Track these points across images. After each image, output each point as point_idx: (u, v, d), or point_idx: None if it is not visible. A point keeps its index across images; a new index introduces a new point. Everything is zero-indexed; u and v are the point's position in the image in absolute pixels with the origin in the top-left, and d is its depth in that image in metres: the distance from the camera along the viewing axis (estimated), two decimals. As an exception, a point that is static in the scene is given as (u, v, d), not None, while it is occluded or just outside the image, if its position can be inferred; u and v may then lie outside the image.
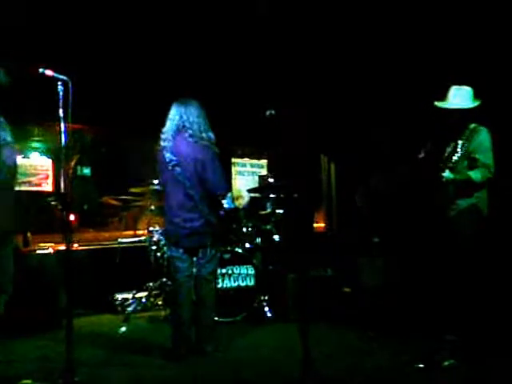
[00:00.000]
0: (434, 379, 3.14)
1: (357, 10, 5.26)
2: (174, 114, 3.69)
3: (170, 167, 3.63)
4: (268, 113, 3.45)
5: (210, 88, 5.89)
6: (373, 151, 6.16)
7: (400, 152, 5.58)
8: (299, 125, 6.20)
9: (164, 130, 3.73)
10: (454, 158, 3.43)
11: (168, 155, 3.63)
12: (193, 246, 3.69)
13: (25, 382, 3.03)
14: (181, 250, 3.70)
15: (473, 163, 3.50)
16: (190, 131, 3.62)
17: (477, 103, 3.62)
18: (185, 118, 3.64)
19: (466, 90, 3.66)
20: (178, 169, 3.61)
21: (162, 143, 3.69)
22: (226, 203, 3.95)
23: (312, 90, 6.23)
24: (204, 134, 3.65)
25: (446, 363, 3.25)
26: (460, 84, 3.69)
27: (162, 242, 4.93)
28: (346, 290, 5.23)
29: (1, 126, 3.13)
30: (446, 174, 3.50)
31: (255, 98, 5.66)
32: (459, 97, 3.62)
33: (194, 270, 3.79)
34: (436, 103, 3.68)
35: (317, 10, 5.27)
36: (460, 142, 3.46)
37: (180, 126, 3.64)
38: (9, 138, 3.16)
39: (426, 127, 3.93)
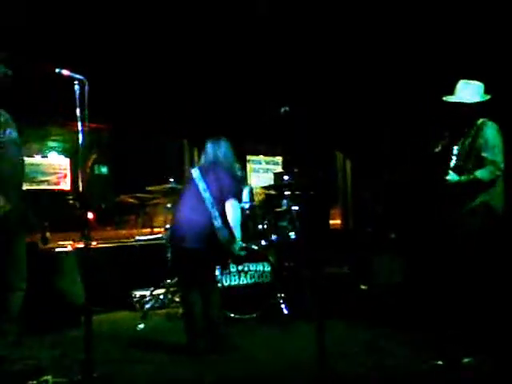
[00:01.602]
0: (453, 376, 3.11)
1: (362, 6, 5.22)
2: (209, 151, 3.95)
3: (197, 190, 3.80)
4: (282, 110, 3.45)
5: (225, 86, 5.91)
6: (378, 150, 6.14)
7: (405, 149, 5.56)
8: (312, 122, 6.19)
9: (198, 164, 4.04)
10: (452, 161, 3.47)
11: (200, 182, 3.81)
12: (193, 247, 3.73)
13: (45, 378, 3.07)
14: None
15: (480, 162, 3.45)
16: (222, 165, 3.88)
17: (486, 98, 3.56)
18: (219, 154, 3.91)
19: (475, 85, 3.61)
20: (205, 193, 3.77)
21: (194, 173, 3.88)
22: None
23: (324, 87, 6.21)
24: (234, 169, 3.94)
25: (466, 360, 3.22)
26: (470, 78, 3.64)
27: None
28: (363, 287, 5.21)
29: (7, 122, 3.13)
30: (450, 176, 3.49)
31: (270, 96, 5.65)
32: (467, 91, 3.57)
33: None
34: (444, 98, 3.64)
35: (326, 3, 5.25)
36: (456, 147, 3.50)
37: (214, 160, 3.90)
38: (14, 135, 3.17)
39: (437, 123, 3.90)
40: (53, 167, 5.98)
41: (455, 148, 3.58)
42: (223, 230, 3.74)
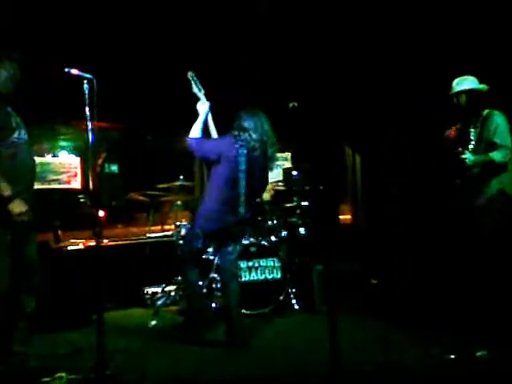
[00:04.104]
0: (465, 370, 3.09)
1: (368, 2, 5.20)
2: (254, 126, 3.75)
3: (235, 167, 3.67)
4: (291, 105, 3.44)
5: (231, 84, 5.90)
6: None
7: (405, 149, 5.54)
8: (321, 117, 6.18)
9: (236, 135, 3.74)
10: (470, 145, 3.57)
11: (242, 161, 3.66)
12: None
13: (59, 374, 3.10)
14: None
15: (492, 147, 3.55)
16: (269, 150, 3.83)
17: (484, 86, 3.71)
18: (264, 132, 3.77)
19: (470, 78, 3.78)
20: (241, 174, 3.66)
21: (240, 150, 3.67)
22: None
23: (332, 81, 6.19)
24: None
25: (479, 354, 3.20)
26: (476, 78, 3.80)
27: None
28: (374, 281, 5.19)
29: (19, 124, 3.18)
30: (468, 155, 3.55)
31: (278, 91, 5.65)
32: (464, 84, 3.75)
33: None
34: (451, 93, 3.81)
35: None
36: (473, 130, 3.62)
37: (262, 138, 3.77)
38: (26, 137, 3.21)
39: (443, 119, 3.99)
40: (63, 166, 6.02)
41: (472, 131, 3.65)
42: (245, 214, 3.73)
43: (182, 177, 5.01)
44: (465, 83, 3.75)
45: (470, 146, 3.59)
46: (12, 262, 3.11)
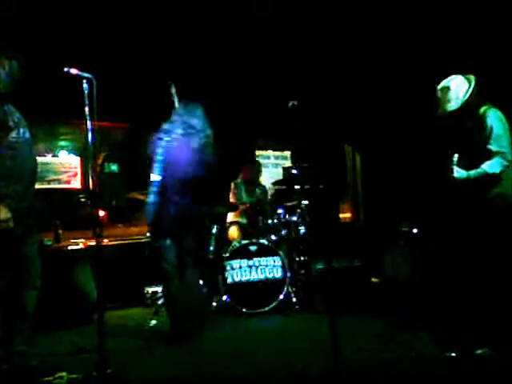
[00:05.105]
0: (466, 368, 3.09)
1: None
2: (189, 121, 3.96)
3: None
4: (290, 104, 3.43)
5: (233, 81, 5.91)
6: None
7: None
8: (321, 115, 6.18)
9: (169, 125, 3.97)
10: (455, 157, 3.39)
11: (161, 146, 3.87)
12: None
13: (60, 374, 3.10)
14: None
15: (487, 154, 3.37)
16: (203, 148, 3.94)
17: (471, 84, 3.49)
18: (197, 125, 3.94)
19: (453, 81, 3.56)
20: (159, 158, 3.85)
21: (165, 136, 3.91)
22: None
23: (332, 80, 6.19)
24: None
25: (479, 352, 3.20)
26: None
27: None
28: (374, 280, 5.20)
29: (20, 121, 3.15)
30: (458, 174, 3.41)
31: (278, 90, 5.65)
32: (450, 93, 3.53)
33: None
34: (440, 112, 3.61)
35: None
36: (456, 155, 3.42)
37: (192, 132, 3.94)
38: (27, 135, 3.17)
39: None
40: (63, 166, 6.04)
41: (455, 155, 3.48)
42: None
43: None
44: (454, 91, 3.50)
45: (454, 160, 3.41)
46: (13, 262, 3.11)
